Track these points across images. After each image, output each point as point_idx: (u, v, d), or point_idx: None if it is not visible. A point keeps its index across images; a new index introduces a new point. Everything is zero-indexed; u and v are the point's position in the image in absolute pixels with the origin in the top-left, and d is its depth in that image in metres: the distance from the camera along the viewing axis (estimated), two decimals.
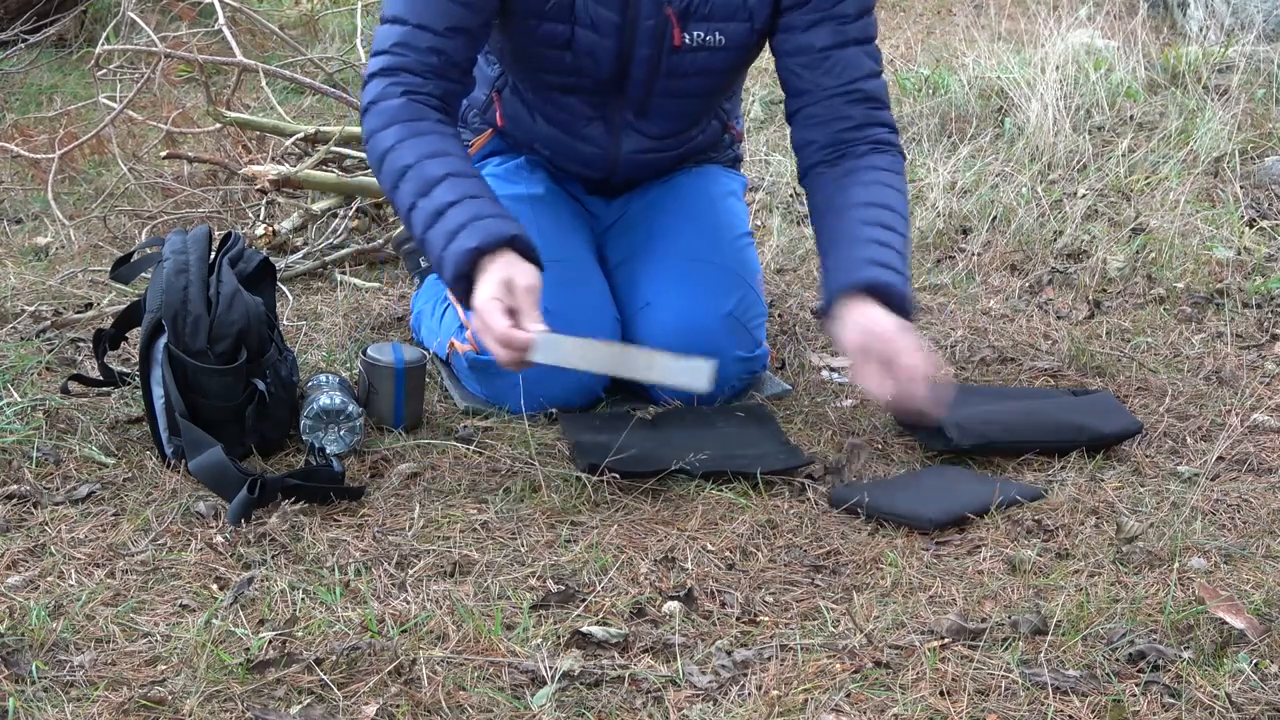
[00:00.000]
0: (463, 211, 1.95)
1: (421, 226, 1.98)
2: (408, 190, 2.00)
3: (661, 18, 2.11)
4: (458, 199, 1.97)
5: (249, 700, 1.41)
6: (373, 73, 2.08)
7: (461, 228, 1.94)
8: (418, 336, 2.49)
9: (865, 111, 2.14)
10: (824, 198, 2.14)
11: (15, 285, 2.69)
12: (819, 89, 2.13)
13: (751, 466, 1.95)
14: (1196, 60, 4.11)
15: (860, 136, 2.13)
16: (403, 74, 2.06)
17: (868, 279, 1.96)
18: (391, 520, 1.82)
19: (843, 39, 2.12)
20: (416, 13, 2.06)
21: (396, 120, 2.04)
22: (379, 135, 2.05)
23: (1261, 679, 1.47)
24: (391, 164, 2.02)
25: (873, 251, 2.00)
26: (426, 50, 2.06)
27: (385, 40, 2.09)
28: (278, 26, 4.46)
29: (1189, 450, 2.10)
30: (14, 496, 1.83)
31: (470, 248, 1.91)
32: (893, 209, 2.08)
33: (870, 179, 2.11)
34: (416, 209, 1.99)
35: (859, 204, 2.07)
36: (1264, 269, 2.92)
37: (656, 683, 1.46)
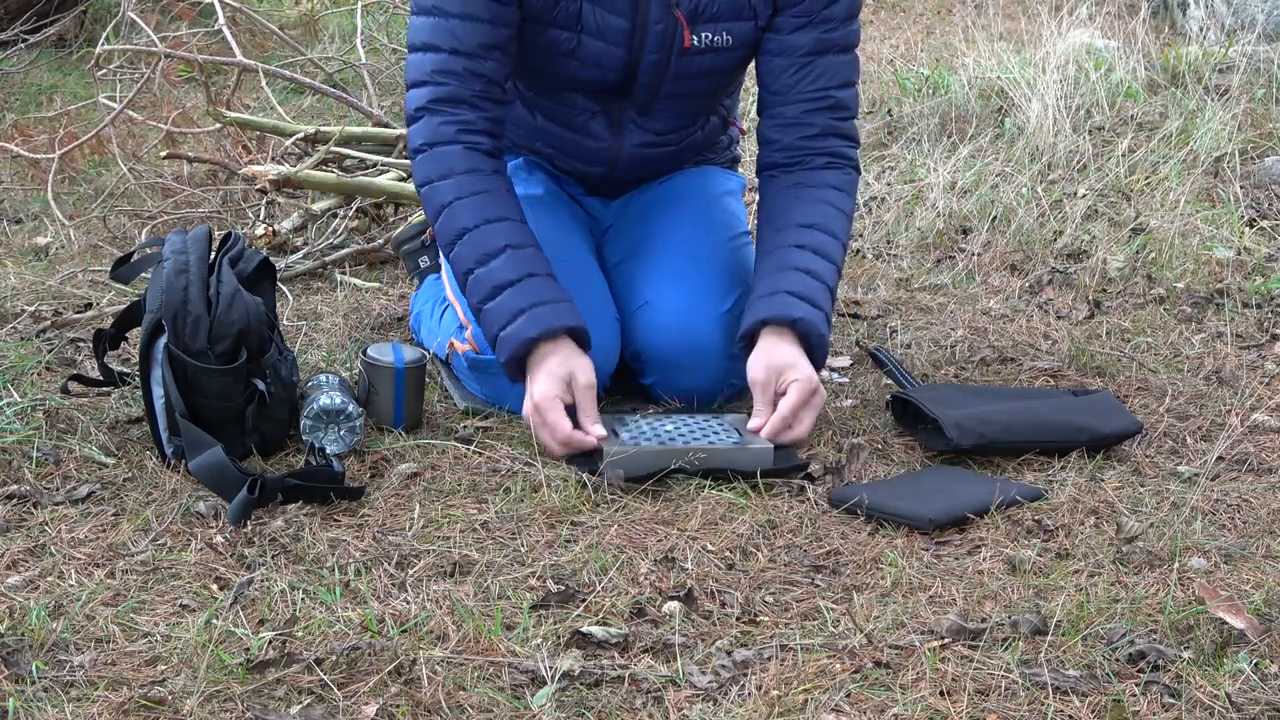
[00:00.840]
0: (523, 294, 2.00)
1: (478, 297, 2.03)
2: (466, 254, 2.04)
3: (671, 20, 2.11)
4: (518, 278, 2.01)
5: (249, 700, 1.41)
6: (420, 107, 2.08)
7: (521, 312, 1.99)
8: (417, 337, 2.49)
9: (828, 120, 2.18)
10: (769, 204, 2.19)
11: (15, 285, 2.70)
12: (793, 92, 2.18)
13: (750, 467, 1.95)
14: (1197, 60, 4.11)
15: (819, 146, 2.18)
16: (451, 106, 2.07)
17: (786, 315, 2.04)
18: (391, 520, 1.82)
19: (825, 46, 2.16)
20: (447, 37, 2.06)
21: (454, 172, 2.06)
22: (436, 186, 2.07)
23: (1261, 679, 1.47)
24: (450, 221, 2.05)
25: (797, 283, 2.07)
26: (466, 74, 2.07)
27: (422, 69, 2.08)
28: (278, 26, 4.46)
29: (1189, 450, 2.10)
30: (14, 496, 1.83)
31: (529, 337, 1.98)
32: (832, 234, 2.14)
33: (816, 197, 2.16)
34: (475, 277, 2.03)
35: (798, 224, 2.13)
36: (1264, 269, 2.92)
37: (656, 683, 1.46)
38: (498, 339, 2.01)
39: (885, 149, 3.78)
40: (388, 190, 3.12)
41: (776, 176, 2.20)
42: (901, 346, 2.51)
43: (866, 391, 2.32)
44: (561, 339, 1.99)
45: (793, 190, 2.17)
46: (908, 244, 3.12)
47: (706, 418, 2.08)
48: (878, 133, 3.91)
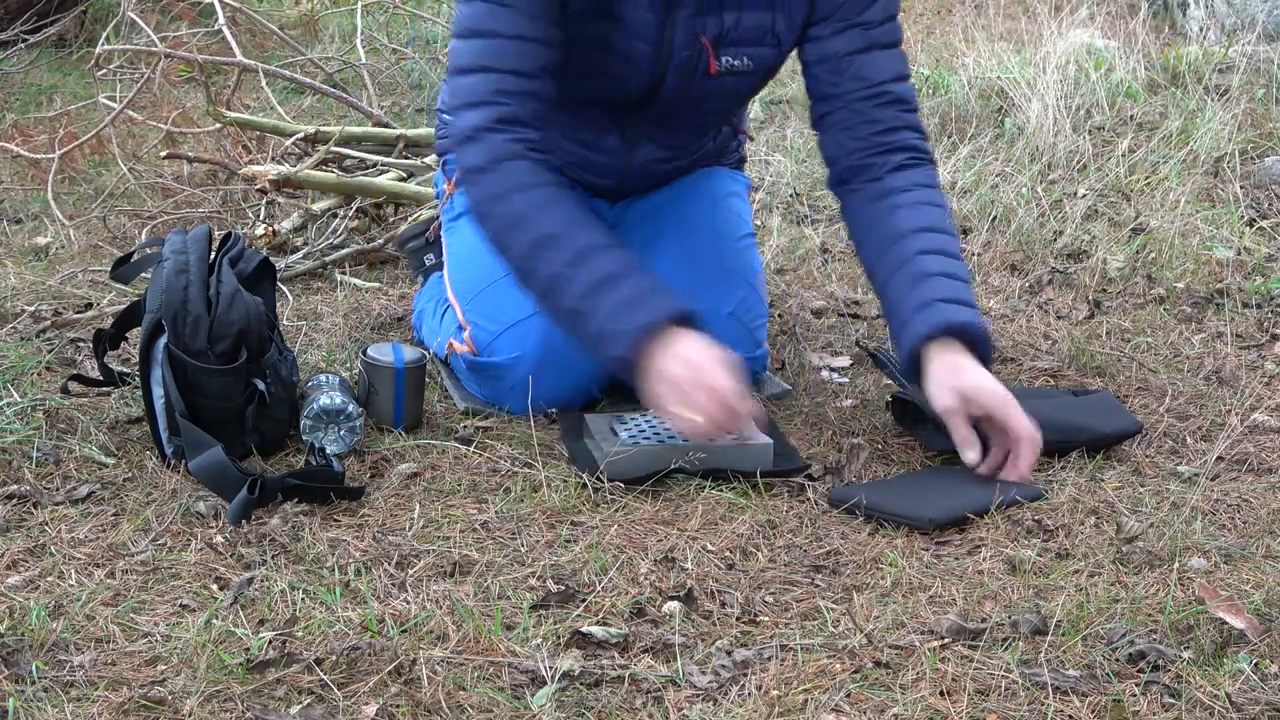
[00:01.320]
0: (634, 285, 1.92)
1: (577, 296, 1.92)
2: (554, 259, 1.93)
3: (696, 46, 2.09)
4: (620, 271, 1.92)
5: (249, 700, 1.41)
6: (479, 126, 1.99)
7: (634, 301, 1.89)
8: (418, 334, 2.49)
9: (895, 114, 2.10)
10: (864, 220, 2.10)
11: (15, 285, 2.70)
12: (847, 94, 2.10)
13: (750, 465, 1.95)
14: (1197, 60, 4.11)
15: (894, 141, 2.10)
16: (514, 126, 1.99)
17: (950, 321, 1.94)
18: (391, 520, 1.82)
19: (868, 43, 2.09)
20: (503, 59, 2.00)
21: (527, 184, 1.98)
22: (506, 200, 1.98)
23: (1261, 679, 1.47)
24: (527, 233, 1.96)
25: (945, 288, 1.98)
26: (526, 95, 2.00)
27: (478, 91, 2.00)
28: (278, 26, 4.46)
29: (1189, 450, 2.10)
30: (14, 496, 1.83)
31: (653, 321, 1.87)
32: (947, 232, 2.06)
33: (914, 199, 2.07)
34: (566, 278, 1.92)
35: (913, 230, 2.04)
36: (1264, 269, 2.92)
37: (656, 683, 1.46)
38: (607, 333, 1.90)
39: None
40: (388, 190, 3.13)
41: (859, 188, 2.11)
42: None
43: (866, 391, 2.32)
44: (676, 326, 1.89)
45: (886, 201, 2.08)
46: None
47: None
48: None
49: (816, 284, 2.88)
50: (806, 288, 2.86)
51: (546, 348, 2.12)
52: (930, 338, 1.94)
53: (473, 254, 2.28)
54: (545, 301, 1.98)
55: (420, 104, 4.24)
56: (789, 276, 2.92)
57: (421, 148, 3.46)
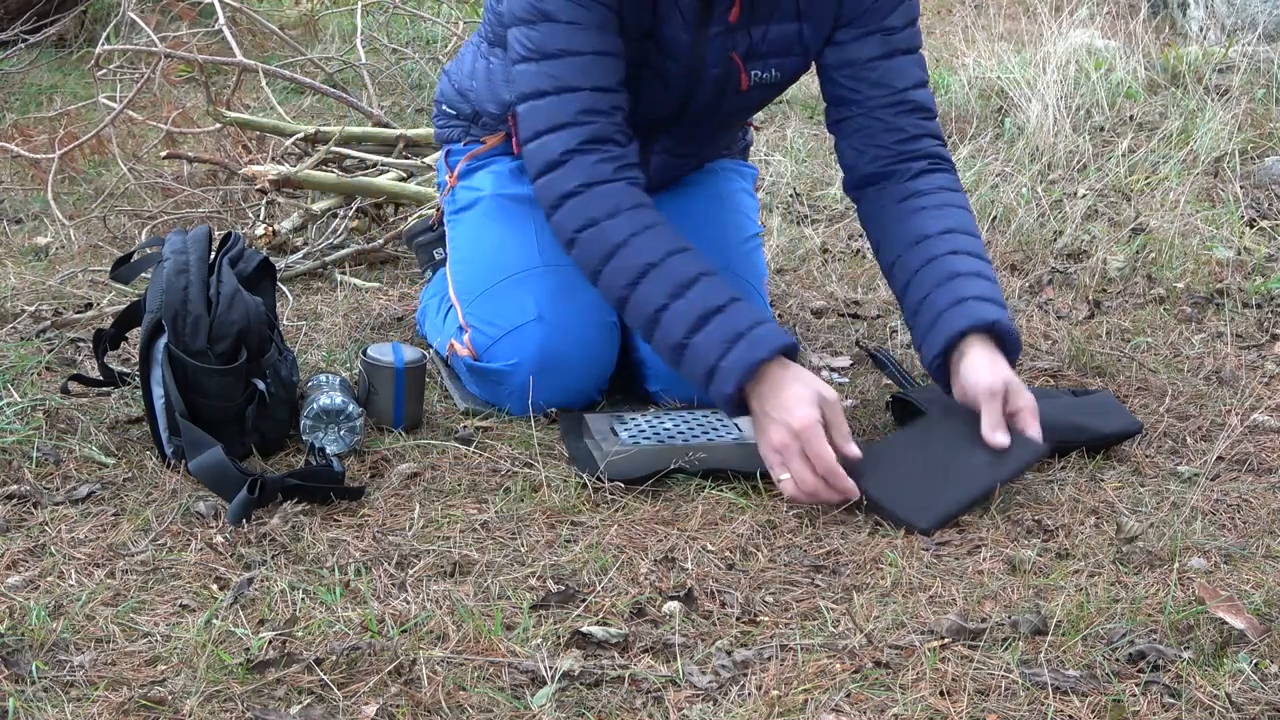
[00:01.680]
0: (735, 319, 1.89)
1: (681, 332, 1.89)
2: (655, 290, 1.91)
3: (727, 64, 2.08)
4: (724, 303, 1.90)
5: (249, 700, 1.41)
6: (568, 149, 1.95)
7: (740, 336, 1.87)
8: (421, 329, 2.49)
9: (916, 122, 2.10)
10: (886, 221, 2.09)
11: (15, 285, 2.70)
12: (869, 100, 2.09)
13: (751, 464, 1.95)
14: (1197, 60, 4.11)
15: (916, 150, 2.09)
16: (603, 145, 1.96)
17: (987, 319, 1.94)
18: (391, 520, 1.82)
19: (890, 49, 2.08)
20: (587, 76, 1.97)
21: (622, 208, 1.94)
22: (604, 226, 1.94)
23: (1261, 679, 1.47)
24: (627, 260, 1.92)
25: (976, 286, 1.97)
26: (612, 110, 1.98)
27: (564, 111, 1.96)
28: (278, 26, 4.46)
29: (1189, 450, 2.10)
30: (14, 496, 1.83)
31: (759, 359, 1.85)
32: (973, 234, 2.06)
33: (940, 202, 2.07)
34: (671, 311, 1.90)
35: (939, 232, 2.03)
36: (1264, 269, 2.93)
37: (656, 683, 1.46)
38: (716, 370, 1.87)
39: None
40: (388, 190, 3.13)
41: (882, 189, 2.10)
42: (901, 346, 2.51)
43: (866, 391, 2.32)
44: (781, 359, 1.89)
45: (910, 203, 2.07)
46: None
47: (706, 413, 2.08)
48: None
49: (816, 284, 2.88)
50: (806, 288, 2.86)
51: (544, 353, 2.12)
52: (966, 333, 1.94)
53: (475, 253, 2.28)
54: (649, 333, 1.95)
55: (420, 104, 4.24)
56: (789, 276, 2.92)
57: (421, 148, 3.46)
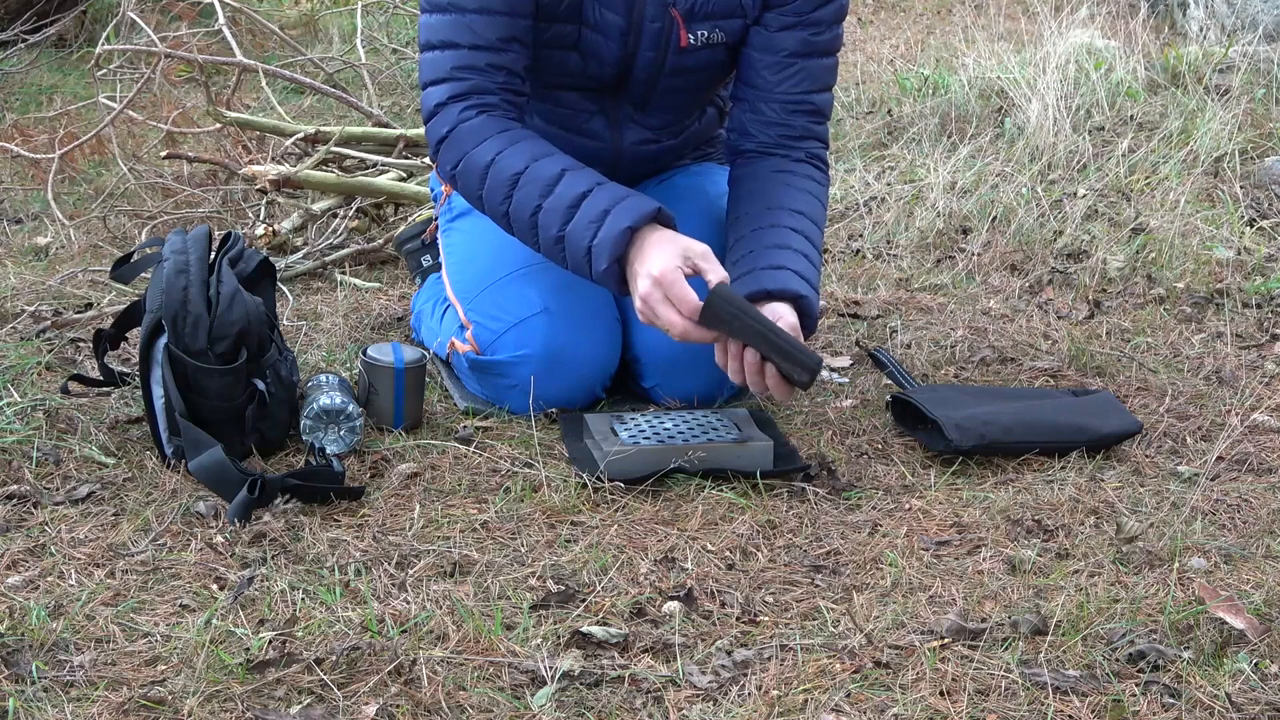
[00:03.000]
0: (601, 198, 1.96)
1: (557, 224, 1.97)
2: (528, 195, 2.00)
3: (667, 19, 2.12)
4: (589, 187, 1.98)
5: (249, 700, 1.41)
6: (439, 103, 2.06)
7: (606, 212, 1.95)
8: (417, 336, 2.49)
9: (806, 124, 2.20)
10: (756, 185, 2.18)
11: (15, 285, 2.70)
12: (773, 90, 2.18)
13: (750, 464, 1.95)
14: (1197, 60, 4.11)
15: (796, 147, 2.20)
16: (474, 97, 2.05)
17: (796, 291, 2.01)
18: (391, 520, 1.82)
19: (810, 49, 2.16)
20: (467, 34, 2.05)
21: (487, 135, 2.03)
22: (472, 154, 2.03)
23: (1261, 679, 1.47)
24: (498, 176, 2.02)
25: (799, 264, 2.05)
26: (489, 69, 2.05)
27: (441, 67, 2.06)
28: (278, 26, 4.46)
29: (1189, 450, 2.10)
30: (14, 496, 1.83)
31: (626, 227, 1.92)
32: (819, 226, 2.15)
33: (803, 188, 2.17)
34: (543, 210, 1.99)
35: (792, 209, 2.12)
36: (1264, 269, 2.93)
37: (656, 683, 1.46)
38: (591, 251, 1.95)
39: (885, 149, 3.78)
40: (388, 190, 3.13)
41: (755, 160, 2.20)
42: (901, 346, 2.51)
43: (866, 391, 2.32)
44: (653, 225, 1.95)
45: (780, 176, 2.17)
46: (908, 244, 3.12)
47: (706, 413, 2.08)
48: (878, 133, 3.91)
49: None
50: None
51: (551, 345, 2.12)
52: (771, 295, 2.00)
53: (474, 253, 2.28)
54: (534, 241, 2.03)
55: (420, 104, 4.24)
56: None
57: (421, 148, 3.46)
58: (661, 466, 1.93)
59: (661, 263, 1.90)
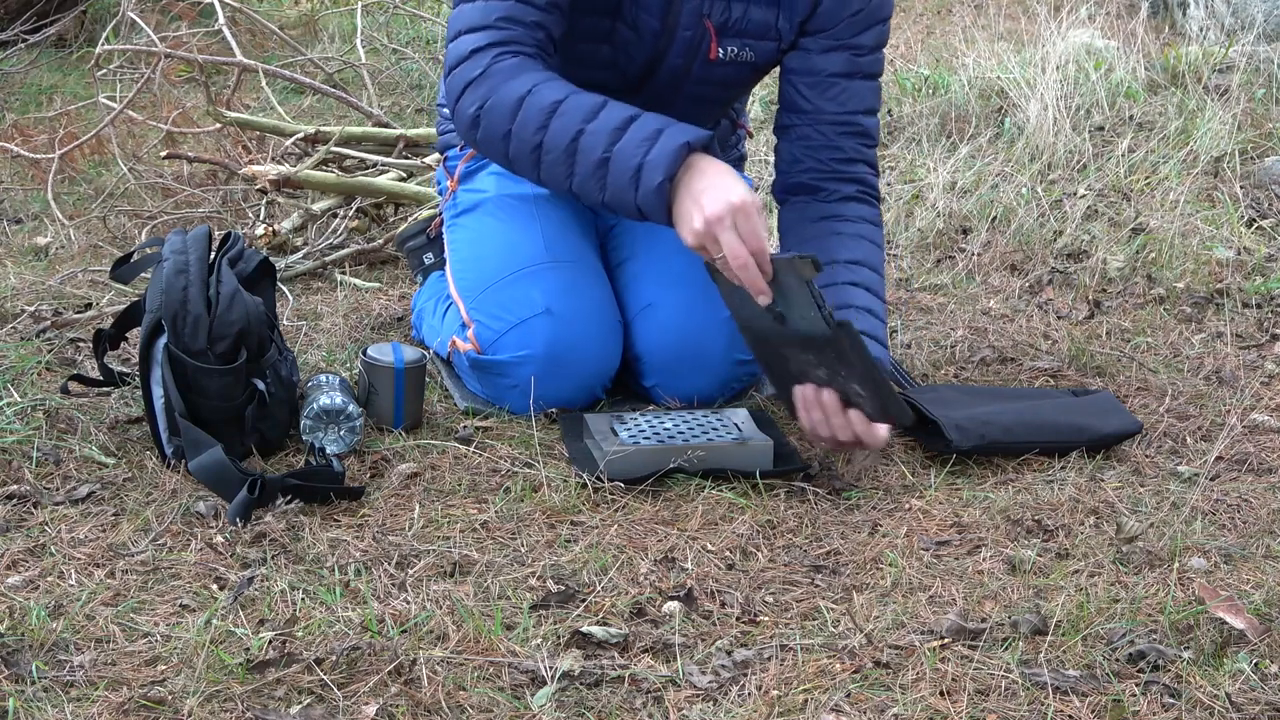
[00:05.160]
0: (652, 119, 1.90)
1: (602, 146, 1.89)
2: (568, 121, 1.91)
3: (700, 29, 2.11)
4: (636, 113, 1.92)
5: (249, 700, 1.41)
6: (476, 48, 1.98)
7: (660, 131, 1.87)
8: (418, 334, 2.49)
9: (857, 146, 2.16)
10: (806, 237, 2.12)
11: (15, 285, 2.70)
12: (819, 113, 2.15)
13: (750, 464, 1.95)
14: (1196, 60, 4.11)
15: (849, 172, 2.15)
16: (514, 46, 1.98)
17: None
18: (391, 520, 1.82)
19: (853, 69, 2.14)
20: None
21: (523, 71, 1.95)
22: (505, 87, 1.94)
23: (1261, 679, 1.47)
24: (535, 104, 1.92)
25: (864, 322, 2.01)
26: (533, 25, 2.00)
27: (484, 15, 1.99)
28: (278, 26, 4.46)
29: (1189, 450, 2.10)
30: (14, 496, 1.83)
31: (683, 142, 1.85)
32: (878, 271, 2.11)
33: (856, 232, 2.12)
34: (586, 133, 1.90)
35: (847, 261, 2.08)
36: (1264, 269, 2.93)
37: (656, 683, 1.46)
38: (641, 169, 1.86)
39: (885, 149, 3.78)
40: (388, 190, 3.13)
41: (805, 204, 2.15)
42: (901, 346, 2.51)
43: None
44: (704, 153, 1.88)
45: (829, 224, 2.12)
46: (908, 244, 3.13)
47: (706, 413, 2.08)
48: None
49: None
50: None
51: (553, 347, 2.12)
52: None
53: (478, 251, 2.28)
54: (569, 167, 1.93)
55: (420, 104, 4.24)
56: None
57: (421, 148, 3.46)
58: (661, 466, 1.93)
59: (741, 191, 1.81)
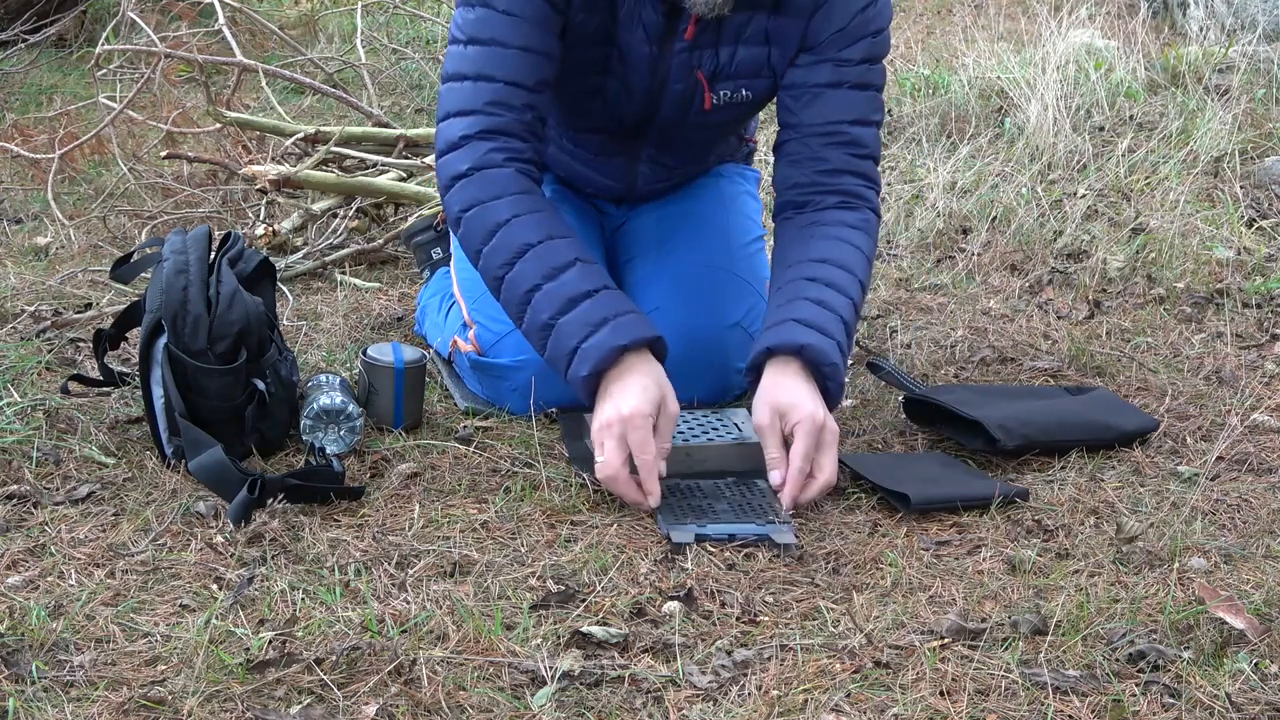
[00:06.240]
0: (602, 305, 1.89)
1: (549, 312, 1.89)
2: (530, 270, 1.91)
3: (692, 81, 2.08)
4: (594, 288, 1.90)
5: (249, 700, 1.41)
6: (465, 135, 1.96)
7: (604, 322, 1.87)
8: (420, 330, 2.48)
9: (844, 157, 2.06)
10: (782, 246, 2.08)
11: (15, 285, 2.70)
12: (803, 125, 2.07)
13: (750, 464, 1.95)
14: (1196, 60, 4.11)
15: (833, 184, 2.06)
16: (503, 137, 1.96)
17: (794, 341, 1.89)
18: (391, 520, 1.82)
19: (838, 79, 2.06)
20: (505, 69, 1.96)
21: (509, 192, 1.95)
22: (488, 205, 1.94)
23: (1261, 679, 1.47)
24: (508, 238, 1.92)
25: (806, 311, 1.93)
26: (523, 108, 1.97)
27: (474, 99, 1.97)
28: (278, 26, 4.46)
29: (1189, 450, 2.10)
30: (14, 496, 1.83)
31: (619, 345, 1.85)
32: (846, 268, 2.00)
33: (830, 234, 2.03)
34: (543, 292, 1.90)
35: (812, 259, 2.01)
36: (1264, 269, 2.93)
37: (656, 683, 1.46)
38: (576, 352, 1.87)
39: (885, 149, 3.78)
40: (388, 190, 3.13)
41: (791, 218, 2.10)
42: (901, 346, 2.51)
43: (866, 392, 2.32)
44: (644, 352, 1.88)
45: (806, 230, 2.06)
46: (908, 244, 3.13)
47: (706, 413, 2.08)
48: None
49: None
50: None
51: None
52: (771, 351, 1.91)
53: None
54: (519, 314, 1.94)
55: (420, 104, 4.24)
56: None
57: (421, 148, 3.46)
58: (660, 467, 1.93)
59: (634, 401, 1.82)
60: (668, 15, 2.02)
